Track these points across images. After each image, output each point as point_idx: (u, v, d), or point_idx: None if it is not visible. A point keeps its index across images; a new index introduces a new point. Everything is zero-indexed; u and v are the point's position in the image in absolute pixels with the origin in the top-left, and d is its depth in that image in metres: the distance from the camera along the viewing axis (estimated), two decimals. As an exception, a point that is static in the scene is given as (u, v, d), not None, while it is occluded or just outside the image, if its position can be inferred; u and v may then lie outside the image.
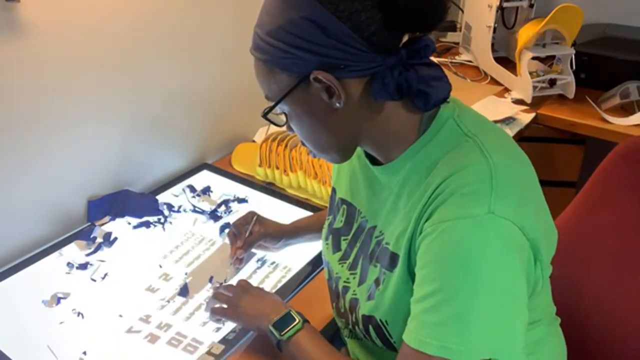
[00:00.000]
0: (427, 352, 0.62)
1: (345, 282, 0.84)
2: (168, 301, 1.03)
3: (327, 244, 0.90)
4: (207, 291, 1.05)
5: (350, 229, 0.85)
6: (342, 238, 0.87)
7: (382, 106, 0.69)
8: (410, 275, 0.70)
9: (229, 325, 0.97)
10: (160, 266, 1.12)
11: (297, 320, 0.84)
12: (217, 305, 0.95)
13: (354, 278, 0.82)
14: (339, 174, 0.90)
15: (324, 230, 0.93)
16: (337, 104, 0.67)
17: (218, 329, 0.96)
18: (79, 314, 0.99)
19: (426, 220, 0.66)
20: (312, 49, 0.64)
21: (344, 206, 0.87)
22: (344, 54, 0.64)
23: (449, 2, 0.65)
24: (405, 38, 0.68)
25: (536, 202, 0.71)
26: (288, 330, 0.82)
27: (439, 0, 0.64)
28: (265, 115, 0.73)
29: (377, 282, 0.76)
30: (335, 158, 0.76)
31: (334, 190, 0.92)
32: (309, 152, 0.77)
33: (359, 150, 0.81)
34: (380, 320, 0.74)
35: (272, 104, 0.71)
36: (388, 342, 0.76)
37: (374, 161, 0.78)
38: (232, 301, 0.93)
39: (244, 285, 0.96)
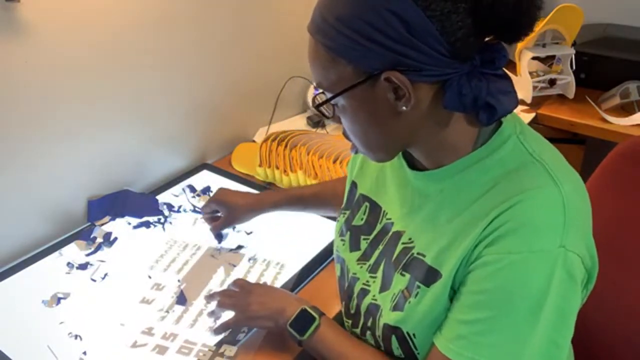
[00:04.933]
0: None
1: (364, 284, 0.81)
2: (167, 311, 1.01)
3: (342, 240, 0.87)
4: (204, 297, 1.03)
5: (373, 229, 0.82)
6: (362, 237, 0.83)
7: (449, 116, 0.65)
8: (449, 293, 0.67)
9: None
10: (150, 277, 1.09)
11: (315, 317, 0.82)
12: (223, 313, 0.94)
13: (374, 282, 0.79)
14: (362, 168, 0.87)
15: (339, 224, 0.89)
16: (403, 107, 0.62)
17: (228, 331, 0.95)
18: (76, 336, 0.95)
19: (487, 246, 0.63)
20: (390, 46, 0.59)
21: (367, 203, 0.84)
22: (423, 56, 0.59)
23: (540, 12, 0.60)
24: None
25: (591, 230, 0.70)
26: (307, 330, 0.82)
27: (533, 12, 0.59)
28: (318, 107, 0.68)
29: (406, 293, 0.72)
30: (380, 157, 0.71)
31: (354, 184, 0.88)
32: (352, 147, 0.73)
33: None
34: (408, 333, 0.72)
35: (330, 93, 0.65)
36: (412, 354, 0.73)
37: (409, 163, 0.75)
38: (239, 306, 0.91)
39: (244, 285, 0.94)
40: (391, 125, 0.65)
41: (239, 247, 1.17)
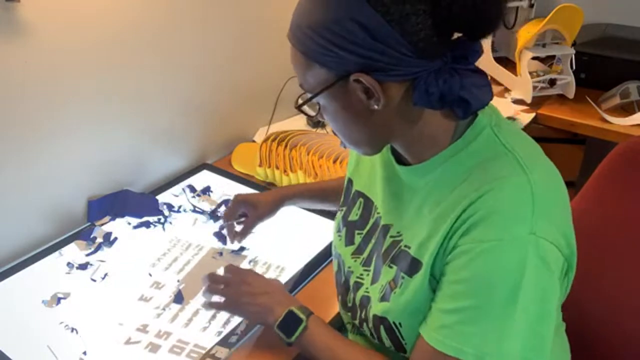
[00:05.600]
0: (465, 359, 0.64)
1: (358, 277, 0.83)
2: (164, 309, 1.01)
3: (339, 235, 0.89)
4: (201, 297, 1.02)
5: (366, 224, 0.84)
6: (357, 232, 0.86)
7: (421, 112, 0.68)
8: (430, 282, 0.69)
9: (231, 327, 0.96)
10: (150, 275, 1.10)
11: (301, 319, 0.83)
12: (213, 299, 0.93)
13: (368, 275, 0.81)
14: (357, 165, 0.89)
15: (337, 221, 0.92)
16: (375, 106, 0.66)
17: (219, 333, 0.95)
18: (72, 329, 0.97)
19: (462, 235, 0.65)
20: (356, 51, 0.62)
21: (361, 199, 0.86)
22: (389, 58, 0.62)
23: (504, 11, 0.63)
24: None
25: (569, 220, 0.71)
26: (295, 332, 0.82)
27: (494, 11, 0.61)
28: (299, 107, 0.72)
29: (392, 284, 0.75)
30: (366, 151, 0.75)
31: (350, 181, 0.90)
32: (341, 143, 0.76)
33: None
34: (394, 323, 0.74)
35: (309, 94, 0.70)
36: (399, 344, 0.75)
37: (398, 159, 0.77)
38: (230, 295, 0.91)
39: (237, 272, 0.93)
40: (368, 122, 0.69)
41: (242, 248, 1.16)
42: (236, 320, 0.98)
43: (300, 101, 0.72)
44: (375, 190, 0.83)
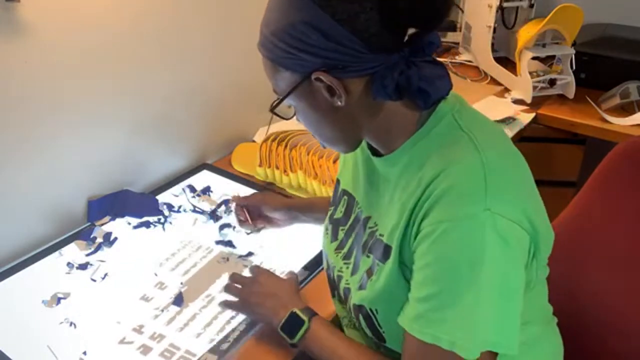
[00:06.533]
0: (441, 345, 0.65)
1: (339, 271, 0.86)
2: (162, 310, 1.01)
3: (326, 233, 0.92)
4: (201, 300, 1.03)
5: (348, 220, 0.87)
6: (340, 228, 0.88)
7: (383, 105, 0.70)
8: (401, 267, 0.72)
9: (224, 335, 0.95)
10: (156, 274, 1.10)
11: (303, 320, 0.84)
12: (228, 299, 0.95)
13: (347, 268, 0.84)
14: (344, 165, 0.92)
15: (326, 221, 0.94)
16: (339, 102, 0.69)
17: (212, 340, 0.94)
18: (71, 323, 0.98)
19: (422, 219, 0.67)
20: (313, 52, 0.65)
21: (345, 197, 0.89)
22: (344, 56, 0.65)
23: (452, 3, 0.65)
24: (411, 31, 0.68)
25: (532, 199, 0.72)
26: (297, 333, 0.84)
27: (440, 3, 0.63)
28: (272, 110, 0.75)
29: (369, 272, 0.77)
30: (342, 149, 0.78)
31: (338, 181, 0.93)
32: (321, 143, 0.80)
33: (364, 143, 0.82)
34: (370, 310, 0.76)
35: (280, 97, 0.73)
36: (377, 332, 0.77)
37: (376, 153, 0.79)
38: (242, 295, 0.94)
39: (254, 271, 0.97)
40: (335, 119, 0.72)
41: (250, 253, 1.16)
42: (229, 327, 0.97)
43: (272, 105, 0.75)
44: (358, 188, 0.86)
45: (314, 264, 1.11)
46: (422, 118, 0.72)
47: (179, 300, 1.03)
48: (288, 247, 1.17)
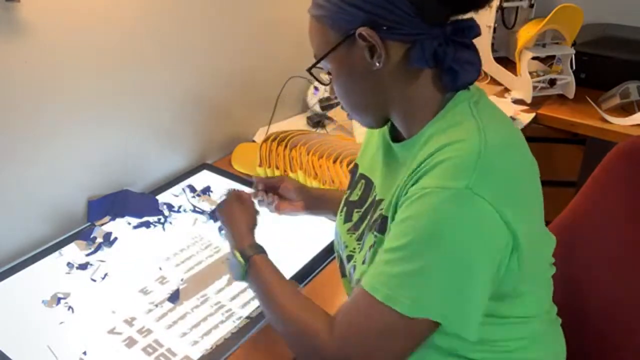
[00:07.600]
0: (375, 296, 0.67)
1: (351, 251, 0.86)
2: (156, 305, 1.02)
3: (341, 214, 0.93)
4: (196, 300, 1.03)
5: (364, 203, 0.88)
6: (355, 210, 0.89)
7: (416, 75, 0.72)
8: None
9: (209, 340, 0.94)
10: (160, 268, 1.11)
11: (241, 264, 0.86)
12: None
13: (360, 248, 0.84)
14: (364, 150, 0.93)
15: (341, 203, 0.95)
16: (377, 64, 0.70)
17: (195, 343, 0.94)
18: (69, 307, 1.00)
19: (412, 185, 0.69)
20: (362, 6, 0.67)
21: (363, 181, 0.90)
22: (392, 15, 0.67)
23: None
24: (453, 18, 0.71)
25: (524, 196, 0.71)
26: (239, 274, 0.87)
27: None
28: (309, 70, 0.77)
29: (371, 248, 0.78)
30: (367, 121, 0.80)
31: (356, 165, 0.95)
32: (347, 114, 0.81)
33: (385, 128, 0.84)
34: None
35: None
36: None
37: (395, 139, 0.81)
38: (218, 214, 0.98)
39: (234, 195, 0.99)
40: (368, 84, 0.74)
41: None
42: (216, 331, 0.96)
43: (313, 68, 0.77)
44: (376, 173, 0.87)
45: (314, 264, 1.11)
46: (443, 103, 0.73)
47: (174, 297, 1.03)
48: (292, 245, 1.16)
